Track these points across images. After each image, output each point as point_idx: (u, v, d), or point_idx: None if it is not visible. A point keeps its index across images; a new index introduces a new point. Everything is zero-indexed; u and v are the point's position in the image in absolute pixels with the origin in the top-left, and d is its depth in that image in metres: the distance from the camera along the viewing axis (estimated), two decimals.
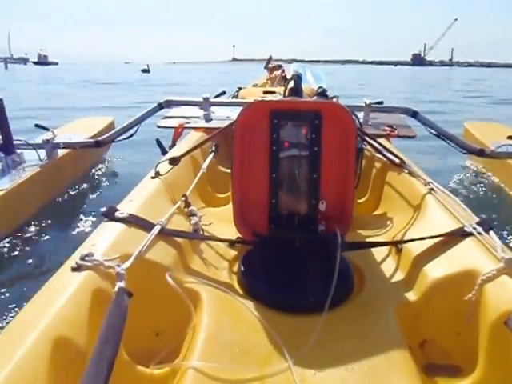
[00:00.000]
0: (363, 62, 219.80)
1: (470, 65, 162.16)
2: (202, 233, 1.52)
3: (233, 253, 1.46)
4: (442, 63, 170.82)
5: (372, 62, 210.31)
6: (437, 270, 1.23)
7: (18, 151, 2.90)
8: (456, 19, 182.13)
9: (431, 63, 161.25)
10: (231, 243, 1.48)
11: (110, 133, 3.02)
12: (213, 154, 2.31)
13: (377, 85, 23.61)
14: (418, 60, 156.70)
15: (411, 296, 1.23)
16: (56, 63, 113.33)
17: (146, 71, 40.41)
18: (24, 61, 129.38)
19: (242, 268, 1.32)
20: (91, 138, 3.31)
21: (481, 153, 2.74)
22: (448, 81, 33.12)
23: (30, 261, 2.36)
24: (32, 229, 2.67)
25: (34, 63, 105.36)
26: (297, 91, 1.66)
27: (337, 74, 37.99)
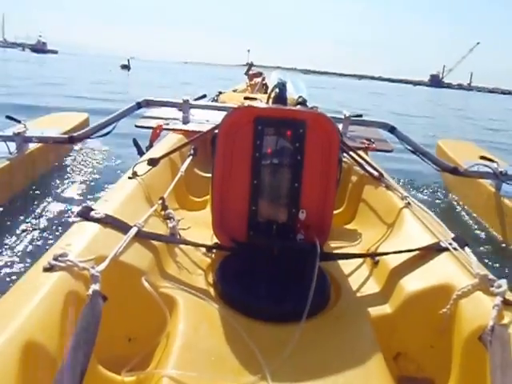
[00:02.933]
0: (379, 79, 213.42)
1: (489, 91, 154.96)
2: (179, 237, 1.49)
3: (210, 259, 1.44)
4: (461, 87, 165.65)
5: (389, 80, 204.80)
6: (412, 283, 1.24)
7: None
8: (478, 43, 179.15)
9: (449, 86, 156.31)
10: (209, 249, 1.46)
11: (84, 129, 2.94)
12: (191, 157, 2.29)
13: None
14: (436, 81, 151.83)
15: (387, 308, 1.24)
16: (55, 52, 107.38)
17: (125, 67, 35.58)
18: (21, 46, 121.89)
19: (219, 274, 1.30)
20: (64, 133, 3.22)
21: (454, 171, 2.82)
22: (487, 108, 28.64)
23: None
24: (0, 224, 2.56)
25: (32, 50, 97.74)
26: (281, 99, 1.66)
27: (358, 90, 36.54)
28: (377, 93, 34.93)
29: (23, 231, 2.54)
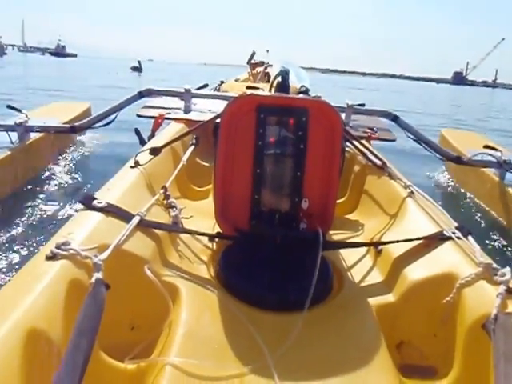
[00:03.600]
0: (400, 77, 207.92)
1: None
2: (181, 226, 1.48)
3: (213, 247, 1.44)
4: (485, 84, 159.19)
5: (410, 78, 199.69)
6: (416, 272, 1.24)
7: None
8: (503, 39, 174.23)
9: (473, 83, 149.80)
10: (211, 237, 1.45)
11: (86, 119, 2.93)
12: (193, 146, 2.28)
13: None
14: (459, 79, 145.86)
15: (390, 297, 1.24)
16: (75, 55, 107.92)
17: (136, 69, 32.10)
18: (41, 51, 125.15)
19: (222, 263, 1.30)
20: (66, 122, 3.21)
21: (458, 160, 2.80)
22: None
23: (1, 249, 2.26)
24: (3, 213, 2.56)
25: (51, 54, 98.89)
26: (284, 87, 1.64)
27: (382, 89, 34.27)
28: (398, 91, 33.39)
29: (26, 220, 2.54)
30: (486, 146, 3.07)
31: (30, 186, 3.00)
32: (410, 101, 21.22)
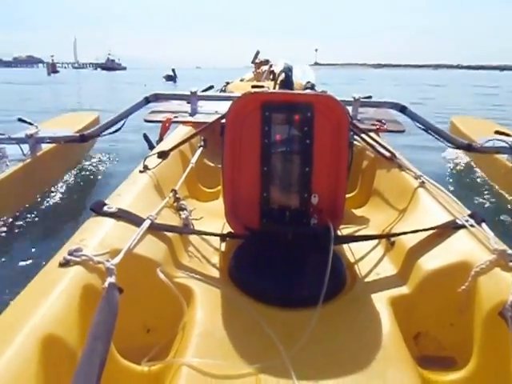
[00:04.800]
0: (458, 67, 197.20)
1: None
2: (192, 227, 1.49)
3: (224, 247, 1.44)
4: None
5: (469, 67, 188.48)
6: (430, 262, 1.23)
7: (0, 146, 2.84)
8: None
9: None
10: (222, 238, 1.46)
11: (95, 127, 2.96)
12: (201, 148, 2.29)
13: None
14: None
15: (405, 289, 1.23)
16: (124, 68, 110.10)
17: (170, 78, 28.23)
18: (93, 66, 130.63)
19: (234, 262, 1.30)
20: (76, 132, 3.25)
21: (469, 147, 2.76)
22: None
23: (15, 258, 2.30)
24: (17, 225, 2.61)
25: (102, 68, 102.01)
26: (288, 84, 1.64)
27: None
28: (471, 85, 27.67)
29: (41, 230, 2.59)
30: (497, 132, 3.02)
31: (43, 196, 3.05)
32: None
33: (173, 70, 28.99)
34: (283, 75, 1.67)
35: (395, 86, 24.58)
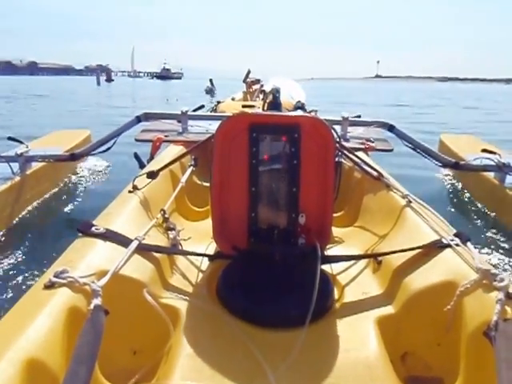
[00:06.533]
0: None
1: None
2: (180, 247, 1.49)
3: (212, 267, 1.44)
4: None
5: None
6: (416, 282, 1.23)
7: None
8: None
9: None
10: (210, 258, 1.46)
11: (86, 146, 2.97)
12: (192, 167, 2.30)
13: None
14: None
15: (391, 308, 1.23)
16: (179, 77, 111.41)
17: (209, 92, 22.30)
18: (150, 75, 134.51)
19: (221, 283, 1.30)
20: (67, 151, 3.26)
21: (456, 166, 2.81)
22: None
23: (2, 279, 2.27)
24: (5, 244, 2.58)
25: (157, 77, 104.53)
26: (276, 105, 1.67)
27: None
28: None
29: (28, 250, 2.56)
30: (484, 150, 3.07)
31: (31, 216, 3.02)
32: None
33: (210, 81, 23.93)
34: (271, 96, 1.70)
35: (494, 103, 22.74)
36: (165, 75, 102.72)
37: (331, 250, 1.54)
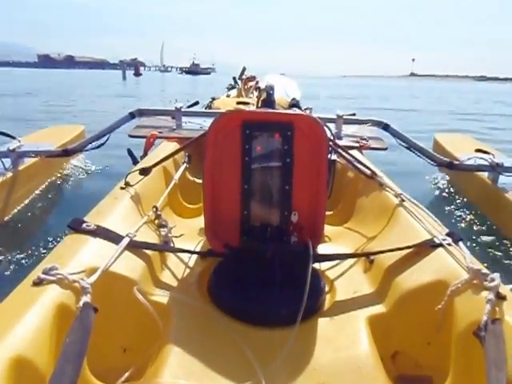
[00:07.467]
0: None
1: None
2: (172, 245, 1.48)
3: (203, 265, 1.43)
4: None
5: None
6: (407, 281, 1.24)
7: None
8: None
9: None
10: (202, 255, 1.45)
11: (79, 142, 2.95)
12: (185, 164, 2.29)
13: None
14: None
15: (382, 307, 1.24)
16: (208, 73, 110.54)
17: (232, 88, 13.46)
18: (179, 69, 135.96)
19: (213, 280, 1.30)
20: (60, 146, 3.23)
21: (450, 165, 2.81)
22: None
23: None
24: None
25: (186, 72, 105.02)
26: (269, 102, 1.66)
27: None
28: None
29: (20, 246, 2.54)
30: (478, 150, 3.08)
31: (23, 211, 3.00)
32: None
33: (234, 79, 21.95)
34: (265, 94, 1.69)
35: None
36: (193, 70, 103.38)
37: (323, 249, 1.54)
